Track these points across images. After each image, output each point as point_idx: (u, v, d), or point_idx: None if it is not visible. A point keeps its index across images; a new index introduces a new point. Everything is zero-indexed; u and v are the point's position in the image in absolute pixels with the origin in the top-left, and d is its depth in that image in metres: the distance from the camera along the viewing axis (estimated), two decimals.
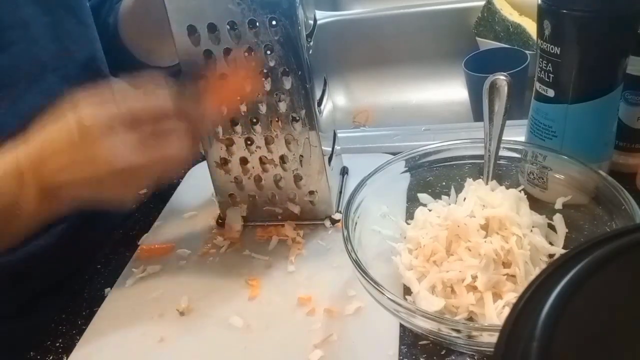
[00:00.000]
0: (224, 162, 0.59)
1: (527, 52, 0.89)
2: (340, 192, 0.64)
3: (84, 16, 0.65)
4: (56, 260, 0.63)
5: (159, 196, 0.71)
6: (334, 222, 0.61)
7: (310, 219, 0.61)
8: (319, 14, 1.08)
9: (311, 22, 0.56)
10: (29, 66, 0.58)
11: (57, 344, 0.53)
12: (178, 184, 0.73)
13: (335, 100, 1.12)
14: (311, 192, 0.59)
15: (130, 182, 0.48)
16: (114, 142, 0.45)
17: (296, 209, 0.60)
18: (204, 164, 0.72)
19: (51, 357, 0.52)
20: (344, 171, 0.68)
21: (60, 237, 0.62)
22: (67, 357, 0.51)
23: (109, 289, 0.58)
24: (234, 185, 0.60)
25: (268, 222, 0.62)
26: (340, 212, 0.61)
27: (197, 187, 0.70)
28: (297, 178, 0.59)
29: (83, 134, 0.45)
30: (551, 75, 0.52)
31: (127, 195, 0.50)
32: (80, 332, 0.53)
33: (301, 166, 0.57)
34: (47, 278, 0.64)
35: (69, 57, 0.62)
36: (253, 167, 0.58)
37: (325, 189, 0.59)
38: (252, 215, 0.62)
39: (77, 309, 0.57)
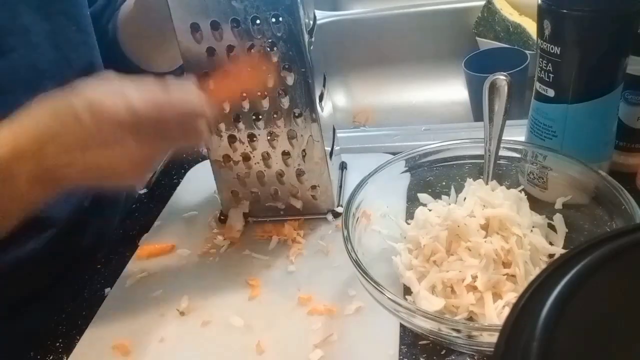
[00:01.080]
0: (227, 159, 0.59)
1: (527, 52, 0.89)
2: (340, 187, 0.65)
3: (84, 24, 0.65)
4: (45, 265, 0.63)
5: (159, 196, 0.71)
6: (336, 215, 0.61)
7: (313, 213, 0.61)
8: (319, 13, 1.08)
9: (312, 17, 0.56)
10: (27, 73, 0.58)
11: (57, 344, 0.53)
12: (178, 183, 0.73)
13: (335, 100, 1.12)
14: (313, 187, 0.60)
15: (137, 168, 0.46)
16: (124, 133, 0.43)
17: (298, 204, 0.61)
18: (204, 163, 0.72)
19: (51, 357, 0.52)
20: (343, 166, 0.68)
21: (48, 242, 0.62)
22: (67, 357, 0.51)
23: (109, 289, 0.58)
24: (236, 181, 0.60)
25: (271, 217, 0.62)
26: (341, 206, 0.61)
27: (197, 186, 0.70)
28: (300, 173, 0.59)
29: (94, 117, 0.42)
30: (551, 75, 0.52)
31: (132, 180, 0.48)
32: (80, 332, 0.53)
33: (303, 161, 0.58)
34: (38, 282, 0.64)
35: (68, 64, 0.62)
36: (256, 163, 0.59)
37: (327, 183, 0.59)
38: (254, 212, 0.62)
39: (77, 309, 0.57)
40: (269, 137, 0.57)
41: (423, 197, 0.56)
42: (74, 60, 0.62)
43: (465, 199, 0.52)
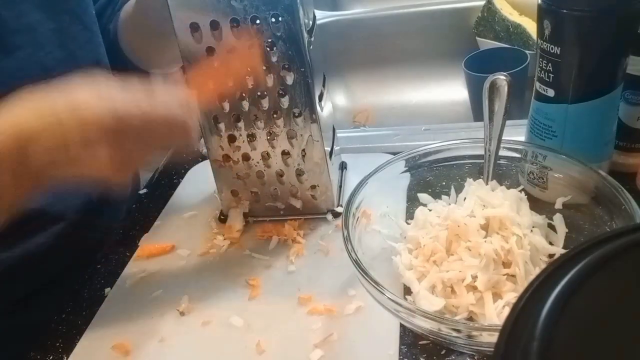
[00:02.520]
0: (227, 159, 0.59)
1: (527, 52, 0.89)
2: (340, 186, 0.65)
3: (90, 22, 0.65)
4: (53, 259, 0.63)
5: (159, 196, 0.71)
6: (336, 215, 0.61)
7: (313, 213, 0.61)
8: (319, 13, 1.08)
9: (311, 17, 0.56)
10: (34, 71, 0.58)
11: (57, 344, 0.53)
12: (178, 183, 0.73)
13: (335, 100, 1.12)
14: (313, 187, 0.60)
15: (120, 169, 0.46)
16: (107, 136, 0.43)
17: (298, 204, 0.61)
18: (204, 163, 0.72)
19: (51, 357, 0.52)
20: (343, 166, 0.68)
21: (57, 236, 0.62)
22: (67, 357, 0.51)
23: (109, 289, 0.58)
24: (236, 181, 0.60)
25: (271, 217, 0.62)
26: (341, 206, 0.61)
27: (197, 186, 0.70)
28: (299, 173, 0.59)
29: (77, 119, 0.42)
30: (551, 75, 0.52)
31: (115, 181, 0.47)
32: (80, 332, 0.53)
33: (303, 161, 0.58)
34: (44, 277, 0.64)
35: (75, 62, 0.62)
36: (256, 163, 0.59)
37: (327, 183, 0.59)
38: (254, 211, 0.62)
39: (77, 309, 0.57)
40: (268, 137, 0.57)
41: (423, 197, 0.56)
42: (81, 58, 0.63)
43: (465, 199, 0.52)
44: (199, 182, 0.70)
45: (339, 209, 0.61)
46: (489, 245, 0.46)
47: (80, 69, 0.62)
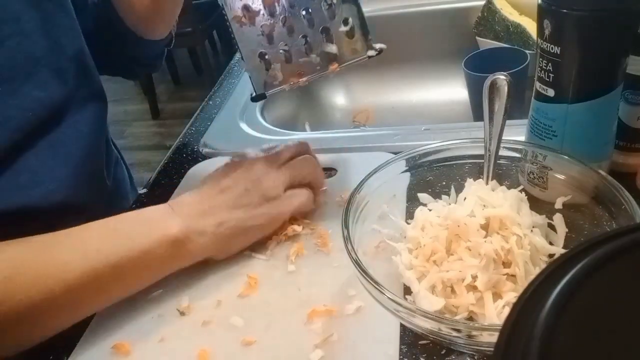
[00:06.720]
0: (247, 13, 0.56)
1: (527, 52, 0.89)
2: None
3: (70, 9, 0.65)
4: None
5: (159, 196, 0.71)
6: (380, 51, 0.58)
7: (351, 57, 0.58)
8: None
9: None
10: (23, 60, 0.59)
11: (57, 344, 0.53)
12: (178, 183, 0.72)
13: (335, 100, 1.12)
14: (345, 21, 0.57)
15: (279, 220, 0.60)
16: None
17: (334, 49, 0.57)
18: (204, 163, 0.72)
19: (51, 357, 0.52)
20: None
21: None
22: (67, 357, 0.51)
23: None
24: (262, 40, 0.56)
25: (309, 75, 0.59)
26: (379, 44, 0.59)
27: (197, 185, 0.70)
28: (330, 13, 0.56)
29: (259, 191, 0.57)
30: (551, 75, 0.52)
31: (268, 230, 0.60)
32: (80, 332, 0.53)
33: None
34: None
35: (60, 50, 0.62)
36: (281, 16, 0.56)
37: (359, 15, 0.57)
38: (286, 72, 0.58)
39: None
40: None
41: (423, 197, 0.56)
42: (66, 46, 0.63)
43: (465, 198, 0.52)
44: (199, 181, 0.70)
45: (378, 46, 0.58)
46: (489, 245, 0.46)
47: (66, 57, 0.63)
